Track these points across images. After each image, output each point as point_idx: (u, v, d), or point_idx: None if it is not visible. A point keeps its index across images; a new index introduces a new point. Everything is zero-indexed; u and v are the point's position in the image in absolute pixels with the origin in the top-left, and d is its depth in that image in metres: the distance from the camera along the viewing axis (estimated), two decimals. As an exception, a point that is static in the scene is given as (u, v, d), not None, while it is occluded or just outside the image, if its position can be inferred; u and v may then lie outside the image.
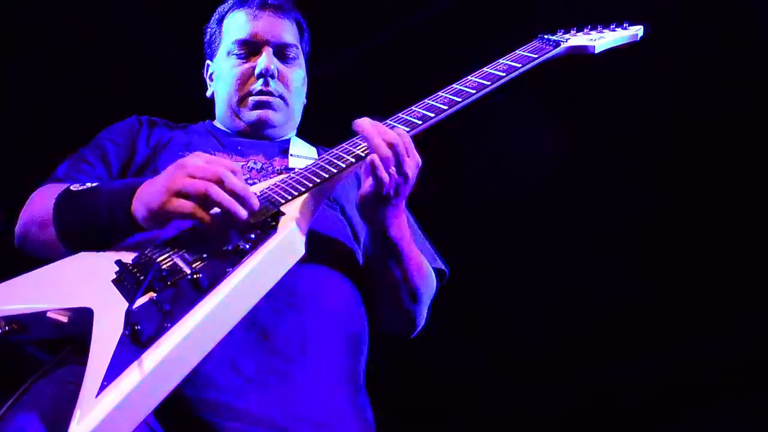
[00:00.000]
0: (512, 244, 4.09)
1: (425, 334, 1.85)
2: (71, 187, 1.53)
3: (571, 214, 4.04)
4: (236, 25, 1.99)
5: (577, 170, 3.88)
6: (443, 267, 1.85)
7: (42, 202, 1.57)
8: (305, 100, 2.11)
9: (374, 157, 1.45)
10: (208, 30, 2.09)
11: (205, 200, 1.34)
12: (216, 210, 1.35)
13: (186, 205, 1.34)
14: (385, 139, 1.46)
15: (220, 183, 1.35)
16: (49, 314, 1.31)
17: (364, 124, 1.49)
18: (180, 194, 1.35)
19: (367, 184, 1.49)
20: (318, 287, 1.58)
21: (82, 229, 1.47)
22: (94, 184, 1.53)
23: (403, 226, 1.60)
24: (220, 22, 2.05)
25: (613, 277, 4.21)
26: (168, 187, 1.36)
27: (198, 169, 1.36)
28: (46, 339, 1.35)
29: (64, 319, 1.31)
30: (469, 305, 3.82)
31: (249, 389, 1.38)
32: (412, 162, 1.49)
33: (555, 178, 3.87)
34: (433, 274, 1.78)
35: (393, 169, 1.46)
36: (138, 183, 1.46)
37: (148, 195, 1.40)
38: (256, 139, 1.95)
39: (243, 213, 1.34)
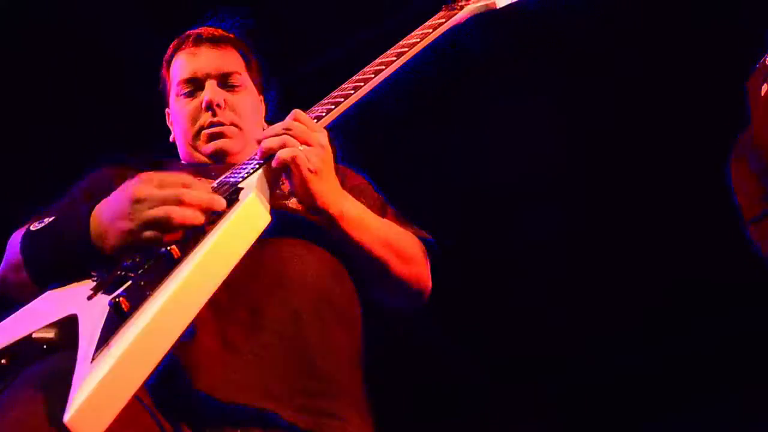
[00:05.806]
0: (509, 241, 4.12)
1: (413, 330, 1.86)
2: (32, 227, 1.58)
3: (570, 211, 4.05)
4: (178, 67, 2.09)
5: (576, 167, 3.90)
6: (429, 237, 1.88)
7: (14, 246, 1.63)
8: (265, 124, 2.17)
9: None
10: (161, 80, 2.20)
11: (172, 226, 1.38)
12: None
13: (157, 237, 1.38)
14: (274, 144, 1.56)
15: (180, 203, 1.39)
16: (35, 335, 1.35)
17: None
18: (146, 227, 1.39)
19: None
20: (304, 265, 1.64)
21: (52, 270, 1.52)
22: (51, 219, 1.59)
23: (351, 207, 1.66)
24: (167, 69, 2.16)
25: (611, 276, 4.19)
26: (132, 229, 1.40)
27: (154, 198, 1.40)
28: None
29: (51, 335, 1.36)
30: (460, 302, 3.82)
31: (242, 360, 1.46)
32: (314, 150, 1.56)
33: (553, 175, 3.90)
34: (416, 237, 1.82)
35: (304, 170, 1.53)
36: (88, 213, 1.50)
37: (110, 234, 1.43)
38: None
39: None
